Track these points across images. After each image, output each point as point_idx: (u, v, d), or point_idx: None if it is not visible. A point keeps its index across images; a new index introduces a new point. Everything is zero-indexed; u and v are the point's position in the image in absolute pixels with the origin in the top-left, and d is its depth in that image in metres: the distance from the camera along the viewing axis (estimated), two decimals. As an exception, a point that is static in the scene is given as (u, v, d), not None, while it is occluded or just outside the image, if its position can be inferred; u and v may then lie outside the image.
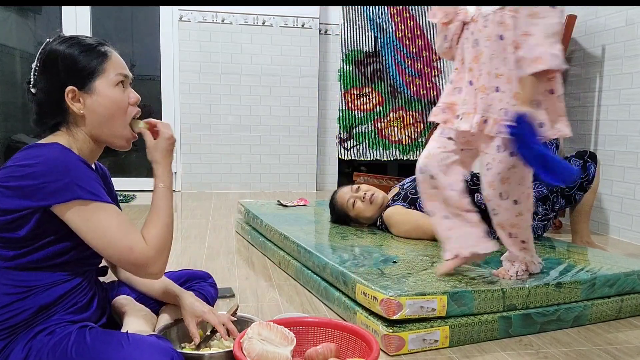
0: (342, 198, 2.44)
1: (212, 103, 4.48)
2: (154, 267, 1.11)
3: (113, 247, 1.07)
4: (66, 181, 1.01)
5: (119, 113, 1.15)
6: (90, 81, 1.12)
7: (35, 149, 1.06)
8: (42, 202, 1.01)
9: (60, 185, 1.01)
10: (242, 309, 1.64)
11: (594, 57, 3.16)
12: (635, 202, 2.85)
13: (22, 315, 1.05)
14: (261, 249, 2.49)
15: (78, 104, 1.12)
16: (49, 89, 1.11)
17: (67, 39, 1.14)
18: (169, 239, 1.14)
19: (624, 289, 1.70)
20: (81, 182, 1.03)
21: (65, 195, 1.02)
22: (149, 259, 1.09)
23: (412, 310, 1.40)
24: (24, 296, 1.06)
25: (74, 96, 1.11)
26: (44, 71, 1.11)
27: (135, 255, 1.07)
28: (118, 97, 1.15)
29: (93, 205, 1.05)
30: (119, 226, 1.07)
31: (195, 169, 4.52)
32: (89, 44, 1.13)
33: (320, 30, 4.64)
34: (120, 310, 1.28)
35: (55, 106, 1.12)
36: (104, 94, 1.13)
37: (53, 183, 1.01)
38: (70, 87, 1.10)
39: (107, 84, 1.13)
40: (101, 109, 1.13)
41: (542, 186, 2.28)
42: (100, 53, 1.14)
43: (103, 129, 1.15)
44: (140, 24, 4.61)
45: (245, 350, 1.13)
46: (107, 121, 1.14)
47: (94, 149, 1.18)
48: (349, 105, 4.74)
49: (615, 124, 2.98)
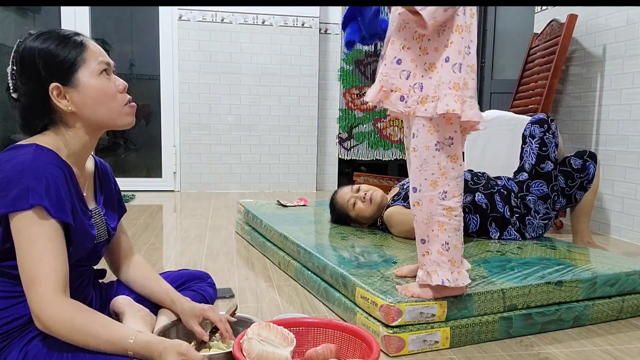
0: (342, 198, 2.43)
1: (212, 103, 4.47)
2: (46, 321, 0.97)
3: (22, 268, 0.98)
4: (24, 189, 0.97)
5: (109, 101, 1.11)
6: (73, 74, 1.07)
7: (10, 152, 1.03)
8: (1, 210, 0.98)
9: (18, 193, 0.97)
10: (242, 310, 1.63)
11: (595, 57, 3.15)
12: (636, 202, 2.84)
13: (18, 321, 1.04)
14: (261, 249, 2.48)
15: (64, 100, 1.08)
16: (32, 91, 1.07)
17: (40, 34, 1.09)
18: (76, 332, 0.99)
19: (625, 289, 1.69)
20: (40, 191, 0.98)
21: (19, 205, 0.97)
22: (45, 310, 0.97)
23: (412, 317, 1.39)
24: (18, 301, 1.04)
25: (59, 93, 1.07)
26: (23, 72, 1.07)
27: (35, 292, 0.97)
28: (104, 86, 1.10)
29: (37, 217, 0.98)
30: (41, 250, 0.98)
31: (195, 169, 4.51)
32: (64, 35, 1.09)
33: (320, 29, 4.63)
34: (119, 311, 1.27)
35: (40, 107, 1.08)
36: (89, 85, 1.08)
37: (13, 190, 0.97)
38: (54, 84, 1.06)
39: (90, 74, 1.09)
40: (90, 101, 1.09)
41: (543, 184, 2.28)
42: (77, 43, 1.09)
43: (101, 118, 1.11)
44: (139, 23, 4.60)
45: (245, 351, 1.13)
46: (100, 111, 1.10)
47: (86, 142, 1.13)
48: (349, 105, 4.74)
49: (617, 123, 2.97)
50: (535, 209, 2.26)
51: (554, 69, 3.10)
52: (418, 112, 1.37)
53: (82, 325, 0.99)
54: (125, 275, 1.36)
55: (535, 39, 3.55)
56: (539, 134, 2.32)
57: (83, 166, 1.18)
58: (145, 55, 4.51)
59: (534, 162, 2.31)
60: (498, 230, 2.24)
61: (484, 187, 2.28)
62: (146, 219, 3.25)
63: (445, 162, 1.38)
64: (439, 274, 1.40)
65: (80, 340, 0.99)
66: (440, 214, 1.40)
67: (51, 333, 0.99)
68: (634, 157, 2.85)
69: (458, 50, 1.34)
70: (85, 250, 1.14)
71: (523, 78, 3.57)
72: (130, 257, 1.38)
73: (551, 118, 2.37)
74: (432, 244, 1.42)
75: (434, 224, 1.40)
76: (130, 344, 1.01)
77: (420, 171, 1.39)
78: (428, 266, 1.43)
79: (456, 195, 1.41)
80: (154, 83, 4.46)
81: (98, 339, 1.00)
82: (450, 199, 1.39)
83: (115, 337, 1.01)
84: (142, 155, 4.71)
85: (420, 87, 1.37)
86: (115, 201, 1.31)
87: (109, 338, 1.00)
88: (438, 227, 1.40)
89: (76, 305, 1.01)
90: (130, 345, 1.01)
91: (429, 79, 1.36)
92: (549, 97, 3.12)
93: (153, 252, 2.46)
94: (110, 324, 1.04)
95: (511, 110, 3.40)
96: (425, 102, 1.36)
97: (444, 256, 1.41)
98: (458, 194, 1.41)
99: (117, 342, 1.01)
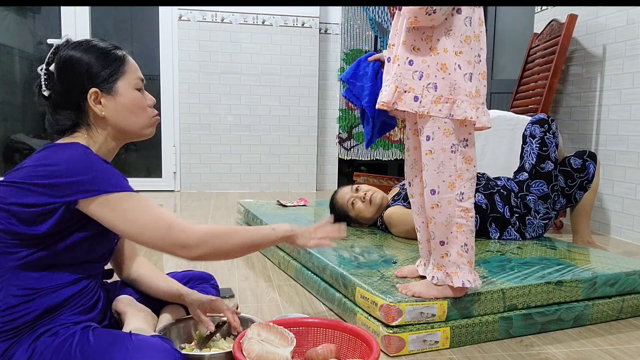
0: (342, 198, 2.43)
1: (212, 103, 4.47)
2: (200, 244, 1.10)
3: (150, 229, 1.08)
4: (91, 177, 1.04)
5: (140, 113, 1.20)
6: (113, 83, 1.16)
7: (57, 148, 1.08)
8: (68, 198, 1.03)
9: (86, 181, 1.04)
10: (242, 310, 1.63)
11: (595, 57, 3.15)
12: (636, 202, 2.84)
13: (28, 316, 1.06)
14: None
15: (99, 105, 1.15)
16: (68, 92, 1.14)
17: (81, 43, 1.16)
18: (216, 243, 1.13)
19: (625, 289, 1.70)
20: (106, 177, 1.06)
21: (91, 191, 1.04)
22: (188, 240, 1.09)
23: (412, 317, 1.40)
24: (31, 298, 1.06)
25: (96, 97, 1.14)
26: (63, 76, 1.13)
27: (178, 229, 1.08)
28: (138, 98, 1.20)
29: (120, 196, 1.06)
30: (150, 210, 1.09)
31: (194, 169, 4.51)
32: (106, 47, 1.17)
33: (320, 29, 4.63)
34: (121, 310, 1.28)
35: (73, 108, 1.15)
36: (126, 95, 1.17)
37: (79, 180, 1.03)
38: (94, 89, 1.14)
39: (128, 85, 1.18)
40: (123, 109, 1.17)
41: (543, 184, 2.28)
42: (119, 56, 1.18)
43: (127, 127, 1.19)
44: (139, 23, 4.60)
45: (245, 351, 1.13)
46: (130, 121, 1.19)
47: (112, 148, 1.21)
48: (349, 105, 4.74)
49: (617, 123, 2.97)
50: (535, 208, 2.26)
51: (554, 69, 3.10)
52: (432, 112, 1.36)
53: (225, 231, 1.15)
54: (131, 275, 1.38)
55: (535, 39, 3.55)
56: (539, 134, 2.33)
57: None
58: (145, 55, 4.51)
59: (534, 162, 2.31)
60: (498, 230, 2.25)
61: (484, 188, 2.28)
62: (146, 219, 3.25)
63: (460, 164, 1.38)
64: (459, 276, 1.41)
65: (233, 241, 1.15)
66: (459, 216, 1.40)
67: (206, 253, 1.11)
68: (634, 157, 2.85)
69: (467, 60, 1.35)
70: (109, 247, 1.21)
71: (523, 78, 3.57)
72: (133, 258, 1.40)
73: (552, 118, 2.38)
74: (452, 245, 1.42)
75: (452, 226, 1.41)
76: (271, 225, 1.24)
77: (438, 173, 1.39)
78: (448, 267, 1.43)
79: (471, 197, 1.42)
80: (154, 83, 4.46)
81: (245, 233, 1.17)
82: (466, 200, 1.40)
83: (255, 227, 1.22)
84: (142, 155, 4.71)
85: (434, 87, 1.36)
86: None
87: (249, 229, 1.20)
88: (457, 229, 1.41)
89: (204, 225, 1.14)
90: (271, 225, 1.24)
91: (442, 79, 1.35)
92: (548, 97, 3.12)
93: (153, 252, 2.46)
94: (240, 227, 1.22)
95: (511, 110, 3.41)
96: (439, 102, 1.35)
97: (464, 258, 1.42)
98: (472, 195, 1.43)
99: (259, 228, 1.21)
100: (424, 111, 1.36)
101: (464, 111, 1.34)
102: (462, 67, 1.34)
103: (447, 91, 1.35)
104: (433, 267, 1.47)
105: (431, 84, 1.36)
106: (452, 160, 1.38)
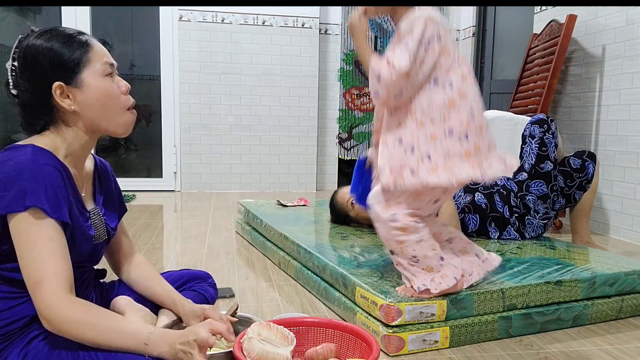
0: (342, 198, 2.44)
1: (212, 103, 4.48)
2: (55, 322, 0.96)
3: (25, 270, 0.98)
4: (20, 190, 0.96)
5: (112, 102, 1.11)
6: (77, 74, 1.07)
7: (8, 152, 1.03)
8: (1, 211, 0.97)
9: (15, 195, 0.96)
10: (242, 309, 1.64)
11: (594, 57, 3.15)
12: (635, 202, 2.84)
13: (18, 323, 1.04)
14: (261, 249, 2.49)
15: (67, 100, 1.07)
16: (34, 88, 1.06)
17: (44, 32, 1.07)
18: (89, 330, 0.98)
19: (624, 289, 1.70)
20: (37, 191, 0.97)
21: (16, 206, 0.96)
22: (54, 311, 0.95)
23: (412, 316, 1.40)
24: (18, 302, 1.04)
25: (62, 92, 1.06)
26: (25, 69, 1.06)
27: (41, 293, 0.96)
28: (108, 87, 1.10)
29: (35, 217, 0.97)
30: (43, 251, 0.97)
31: (195, 169, 4.51)
32: (69, 34, 1.08)
33: (320, 30, 4.63)
34: (120, 311, 1.27)
35: (42, 105, 1.07)
36: (93, 86, 1.08)
37: (10, 192, 0.96)
38: (57, 83, 1.05)
39: (94, 74, 1.08)
40: (93, 101, 1.08)
41: (542, 184, 2.28)
42: (82, 43, 1.08)
43: (101, 121, 1.11)
44: (140, 23, 4.61)
45: (245, 351, 1.13)
46: (102, 113, 1.10)
47: (85, 143, 1.13)
48: (349, 105, 4.74)
49: (616, 124, 2.98)
50: (534, 208, 2.26)
51: (553, 69, 3.10)
52: (430, 181, 1.31)
53: (94, 321, 0.98)
54: (127, 275, 1.36)
55: (534, 39, 3.56)
56: (538, 134, 2.33)
57: (82, 167, 1.18)
58: (145, 56, 4.51)
59: (533, 162, 2.31)
60: (497, 230, 2.25)
61: (484, 187, 2.28)
62: (146, 219, 3.26)
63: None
64: (416, 283, 1.42)
65: (92, 336, 0.98)
66: (397, 235, 1.39)
67: (61, 333, 0.98)
68: (633, 157, 2.85)
69: (460, 121, 1.32)
70: (84, 252, 1.13)
71: (522, 78, 3.57)
72: (131, 257, 1.37)
73: (551, 118, 2.38)
74: (402, 258, 1.44)
75: (394, 242, 1.41)
76: (148, 334, 1.00)
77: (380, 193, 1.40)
78: (406, 274, 1.45)
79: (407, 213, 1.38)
80: (154, 83, 4.46)
81: (111, 334, 0.98)
82: (400, 220, 1.38)
83: (130, 329, 1.01)
84: (143, 155, 4.72)
85: (428, 157, 1.33)
86: (116, 201, 1.31)
87: (123, 330, 1.00)
88: (399, 245, 1.40)
89: (85, 303, 1.01)
90: (149, 335, 1.00)
91: (433, 149, 1.33)
92: (548, 98, 3.12)
93: (153, 252, 2.46)
94: (122, 319, 1.05)
95: (510, 111, 3.41)
96: (436, 169, 1.32)
97: (416, 267, 1.42)
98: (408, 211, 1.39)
99: (132, 334, 1.00)
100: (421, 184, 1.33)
101: (466, 173, 1.31)
102: (454, 131, 1.32)
103: (442, 159, 1.32)
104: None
105: (424, 155, 1.33)
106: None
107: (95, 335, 0.98)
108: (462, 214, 2.24)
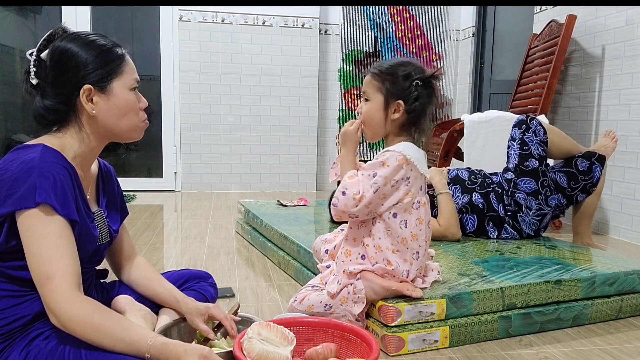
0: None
1: (212, 103, 4.48)
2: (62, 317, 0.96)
3: (33, 266, 0.98)
4: (30, 186, 0.97)
5: (132, 114, 1.17)
6: (109, 81, 1.12)
7: (18, 151, 1.04)
8: (8, 208, 0.98)
9: (24, 191, 0.97)
10: (242, 309, 1.64)
11: (594, 57, 3.16)
12: (635, 202, 2.85)
13: (19, 321, 1.04)
14: (261, 249, 2.49)
15: (91, 103, 1.11)
16: (62, 84, 1.10)
17: (80, 35, 1.12)
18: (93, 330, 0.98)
19: (623, 289, 1.70)
20: (46, 188, 0.98)
21: (25, 203, 0.97)
22: (62, 306, 0.96)
23: (411, 316, 1.40)
24: (20, 301, 1.05)
25: (89, 95, 1.10)
26: (57, 67, 1.09)
27: (50, 288, 0.97)
28: (132, 100, 1.16)
29: (44, 214, 0.98)
30: (53, 247, 0.98)
31: (195, 169, 4.52)
32: (105, 44, 1.13)
33: (320, 30, 4.64)
34: (120, 310, 1.28)
35: (63, 102, 1.10)
36: (119, 96, 1.13)
37: (20, 188, 0.98)
38: (87, 86, 1.10)
39: (123, 86, 1.14)
40: (115, 110, 1.13)
41: (531, 181, 2.25)
42: (118, 55, 1.14)
43: (118, 127, 1.15)
44: (140, 23, 4.61)
45: (245, 350, 1.13)
46: (120, 122, 1.15)
47: (94, 147, 1.16)
48: (349, 105, 4.75)
49: (616, 124, 2.98)
50: (526, 205, 2.24)
51: (553, 70, 3.11)
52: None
53: (99, 323, 0.98)
54: (128, 276, 1.37)
55: (534, 39, 3.56)
56: (518, 135, 2.30)
57: (88, 169, 1.20)
58: (146, 56, 4.52)
59: (517, 161, 2.29)
60: (495, 229, 2.25)
61: (480, 187, 2.28)
62: (147, 219, 3.26)
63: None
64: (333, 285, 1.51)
65: (95, 338, 0.98)
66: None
67: (67, 330, 0.98)
68: (632, 157, 2.86)
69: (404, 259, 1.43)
70: (87, 252, 1.14)
71: (522, 78, 3.57)
72: (132, 259, 1.38)
73: (530, 117, 2.33)
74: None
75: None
76: (148, 346, 1.00)
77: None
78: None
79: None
80: (154, 83, 4.47)
81: (114, 338, 0.99)
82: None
83: (133, 337, 1.00)
84: (143, 156, 4.72)
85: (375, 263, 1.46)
86: (118, 203, 1.33)
87: (125, 338, 0.99)
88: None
89: (93, 303, 1.01)
90: (149, 346, 0.99)
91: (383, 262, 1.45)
92: (548, 98, 3.12)
93: (154, 251, 2.47)
94: (129, 324, 1.04)
95: (510, 111, 3.41)
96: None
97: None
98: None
99: (134, 342, 1.00)
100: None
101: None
102: (400, 265, 1.43)
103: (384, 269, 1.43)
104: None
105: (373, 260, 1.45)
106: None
107: (98, 337, 0.99)
108: (460, 214, 2.24)
